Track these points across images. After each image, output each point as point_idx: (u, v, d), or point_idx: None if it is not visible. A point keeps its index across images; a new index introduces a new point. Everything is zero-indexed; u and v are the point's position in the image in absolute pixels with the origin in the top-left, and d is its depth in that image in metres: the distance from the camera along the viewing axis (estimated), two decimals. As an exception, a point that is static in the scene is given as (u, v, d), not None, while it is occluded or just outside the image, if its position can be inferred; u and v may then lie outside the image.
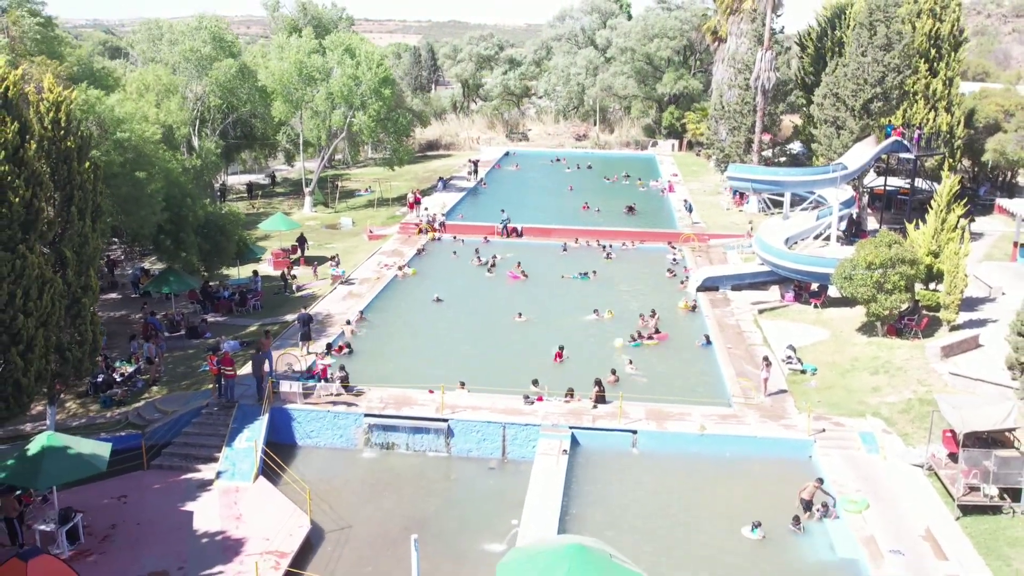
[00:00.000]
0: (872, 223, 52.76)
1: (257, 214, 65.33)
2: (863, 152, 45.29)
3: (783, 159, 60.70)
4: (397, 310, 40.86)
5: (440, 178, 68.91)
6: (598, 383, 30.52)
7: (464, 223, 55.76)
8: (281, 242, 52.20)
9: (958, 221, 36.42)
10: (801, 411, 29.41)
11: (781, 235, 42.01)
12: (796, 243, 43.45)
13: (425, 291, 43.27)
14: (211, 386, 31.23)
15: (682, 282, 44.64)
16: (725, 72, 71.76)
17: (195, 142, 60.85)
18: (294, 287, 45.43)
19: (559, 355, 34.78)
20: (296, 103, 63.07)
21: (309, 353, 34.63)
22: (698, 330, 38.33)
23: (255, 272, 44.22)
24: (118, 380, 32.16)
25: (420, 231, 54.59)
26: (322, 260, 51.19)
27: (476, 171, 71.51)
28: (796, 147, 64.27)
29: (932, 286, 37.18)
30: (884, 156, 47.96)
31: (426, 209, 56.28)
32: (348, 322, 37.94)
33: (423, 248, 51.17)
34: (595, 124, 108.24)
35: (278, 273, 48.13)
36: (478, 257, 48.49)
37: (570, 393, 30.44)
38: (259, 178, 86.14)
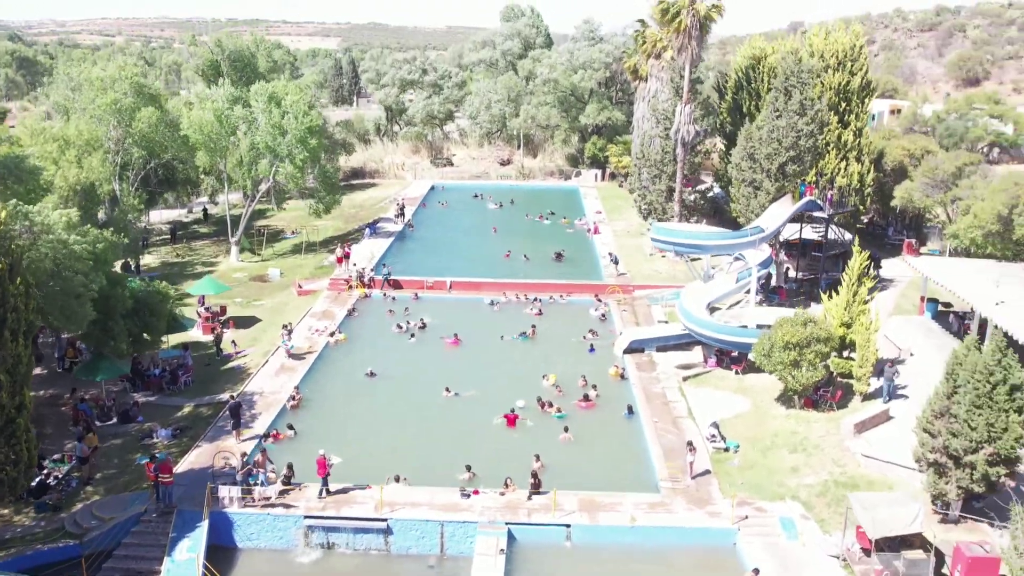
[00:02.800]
0: (790, 271, 55.01)
1: (182, 263, 64.66)
2: (779, 213, 47.33)
3: (703, 203, 62.65)
4: (331, 387, 41.15)
5: (368, 224, 69.09)
6: (534, 475, 31.52)
7: (393, 278, 56.03)
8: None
9: (868, 293, 38.47)
10: (725, 496, 30.94)
11: (703, 300, 43.67)
12: (720, 303, 45.21)
13: (358, 362, 43.69)
14: (147, 487, 31.26)
15: (612, 342, 46.11)
16: (645, 111, 73.80)
17: (118, 192, 60.08)
18: (223, 352, 45.42)
19: (511, 421, 36.20)
20: (220, 152, 62.52)
21: (245, 440, 34.94)
22: (626, 397, 39.75)
23: (185, 346, 43.96)
24: (52, 484, 31.89)
25: (349, 287, 54.84)
26: (252, 320, 51.22)
27: (403, 213, 71.85)
28: (716, 189, 66.40)
29: (846, 353, 39.20)
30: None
31: (354, 265, 56.47)
32: (292, 397, 38.46)
33: (354, 309, 51.46)
34: (519, 147, 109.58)
35: (207, 339, 48.07)
36: (398, 325, 48.83)
37: (506, 483, 31.42)
38: (182, 214, 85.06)
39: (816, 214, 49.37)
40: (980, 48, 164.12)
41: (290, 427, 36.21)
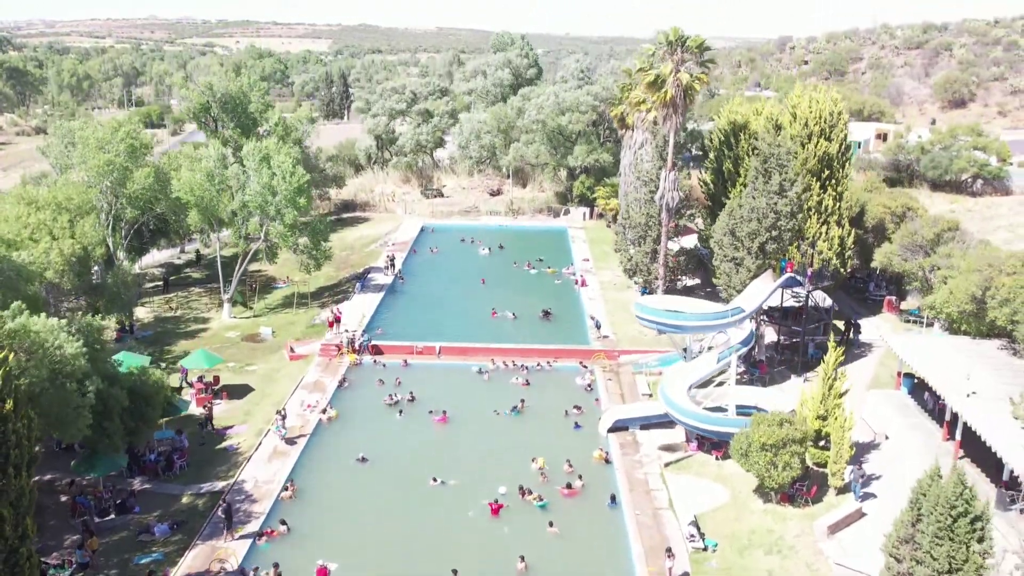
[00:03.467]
0: (771, 334, 56.25)
1: (175, 320, 65.57)
2: (759, 291, 48.61)
3: (688, 263, 63.86)
4: (324, 475, 42.19)
5: (358, 277, 70.09)
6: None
7: (384, 342, 57.14)
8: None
9: (843, 389, 39.73)
10: (703, 605, 32.24)
11: (683, 384, 44.90)
12: (703, 383, 46.47)
13: (349, 444, 44.70)
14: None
15: (598, 418, 47.39)
16: (631, 160, 75.01)
17: (110, 246, 61.16)
18: (215, 428, 46.53)
19: (495, 510, 37.71)
20: (212, 210, 63.45)
21: (238, 539, 36.07)
22: (609, 484, 40.99)
23: (179, 431, 44.95)
24: (52, 595, 32.96)
25: (341, 353, 55.89)
26: (245, 390, 52.28)
27: (393, 264, 72.88)
28: (699, 246, 67.56)
29: (823, 442, 40.48)
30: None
31: (345, 331, 57.51)
32: (286, 487, 39.61)
33: (344, 379, 52.49)
34: (509, 177, 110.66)
35: (200, 411, 49.13)
36: (389, 396, 49.93)
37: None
38: (175, 255, 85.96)
39: (796, 289, 50.55)
40: (966, 69, 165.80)
41: (283, 523, 37.28)
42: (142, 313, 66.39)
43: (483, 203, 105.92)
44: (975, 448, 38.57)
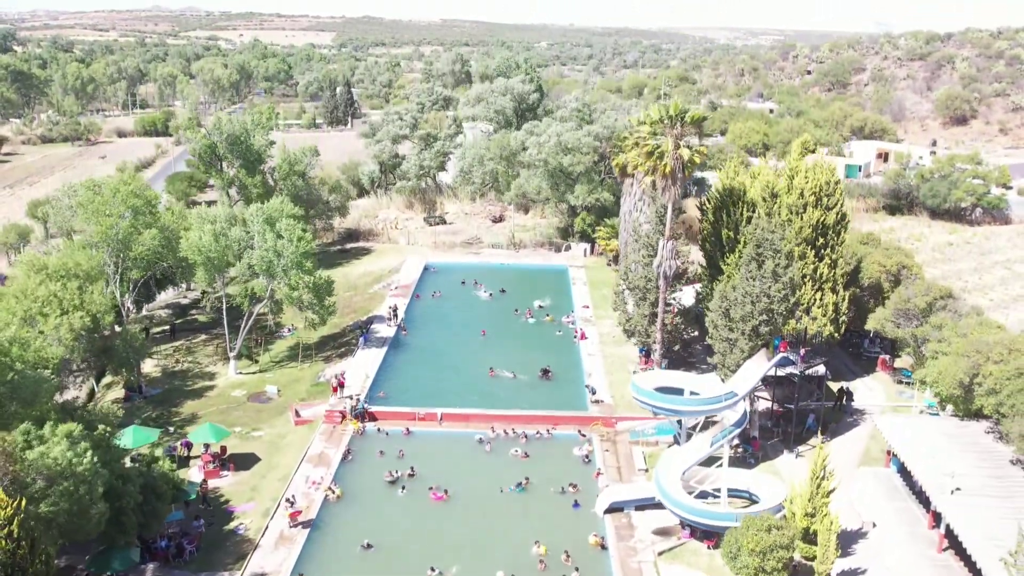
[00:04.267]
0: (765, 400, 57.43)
1: (183, 376, 66.88)
2: (752, 373, 49.80)
3: (684, 325, 64.99)
4: (330, 565, 43.48)
5: (360, 330, 71.33)
6: None
7: (386, 408, 58.48)
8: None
9: (830, 488, 41.01)
10: None
11: (677, 470, 46.22)
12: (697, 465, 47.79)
13: (354, 527, 46.09)
14: None
15: (596, 494, 48.91)
16: (631, 207, 76.14)
17: (118, 300, 62.69)
18: (208, 507, 48.02)
19: None
20: (218, 268, 64.76)
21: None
22: (605, 575, 42.41)
23: (197, 516, 46.21)
24: None
25: (344, 419, 57.21)
26: (251, 460, 53.65)
27: (396, 315, 74.15)
28: (693, 297, 68.66)
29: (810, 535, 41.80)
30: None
31: (349, 397, 58.83)
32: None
33: (348, 452, 53.81)
34: (510, 204, 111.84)
35: (209, 484, 50.65)
36: (390, 472, 51.21)
37: None
38: (180, 292, 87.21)
39: (789, 369, 51.74)
40: (968, 85, 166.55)
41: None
42: (150, 366, 67.72)
43: (485, 231, 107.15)
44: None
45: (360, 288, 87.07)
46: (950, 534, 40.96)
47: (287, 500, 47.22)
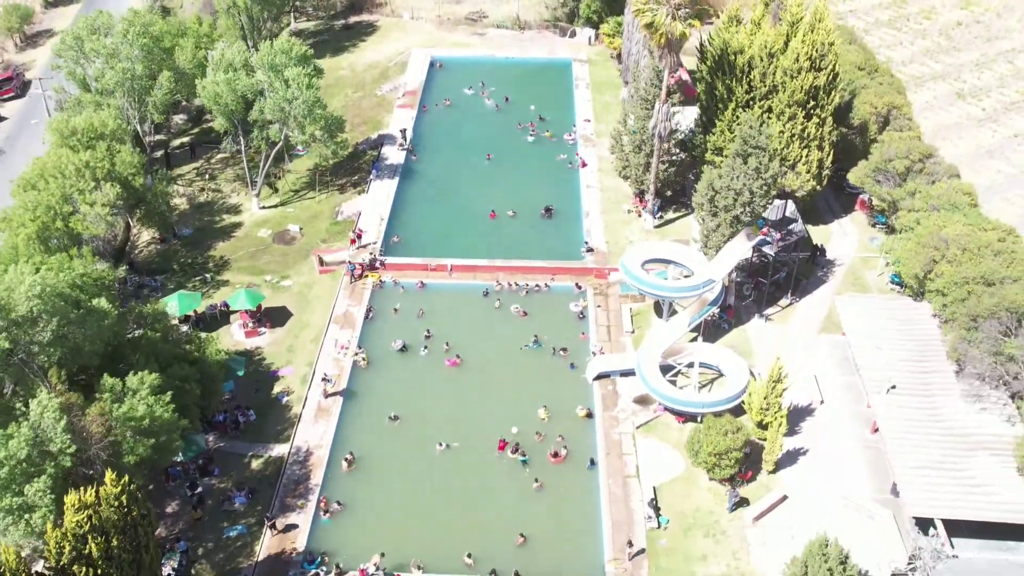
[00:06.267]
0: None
1: (209, 208, 71.86)
2: (732, 255, 55.27)
3: (678, 178, 68.62)
4: (363, 438, 52.11)
5: (374, 163, 74.86)
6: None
7: (401, 260, 64.47)
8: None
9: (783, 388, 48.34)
10: (651, 586, 43.94)
11: (656, 351, 53.39)
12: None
13: (380, 396, 54.42)
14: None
15: (583, 333, 57.97)
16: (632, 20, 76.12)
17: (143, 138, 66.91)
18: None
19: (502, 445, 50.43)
20: (235, 115, 67.48)
21: (300, 511, 47.17)
22: (589, 446, 51.35)
23: (238, 407, 53.93)
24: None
25: (363, 272, 63.38)
26: (283, 315, 60.74)
27: (405, 137, 77.20)
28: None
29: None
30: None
31: (365, 246, 64.46)
32: (346, 460, 50.05)
33: (370, 310, 60.61)
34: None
35: (250, 342, 58.51)
36: (399, 349, 57.93)
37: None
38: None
39: (765, 248, 56.81)
40: None
41: (339, 503, 48.01)
42: (176, 195, 72.34)
43: (491, 1, 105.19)
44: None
45: (367, 87, 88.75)
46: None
47: (322, 379, 54.88)
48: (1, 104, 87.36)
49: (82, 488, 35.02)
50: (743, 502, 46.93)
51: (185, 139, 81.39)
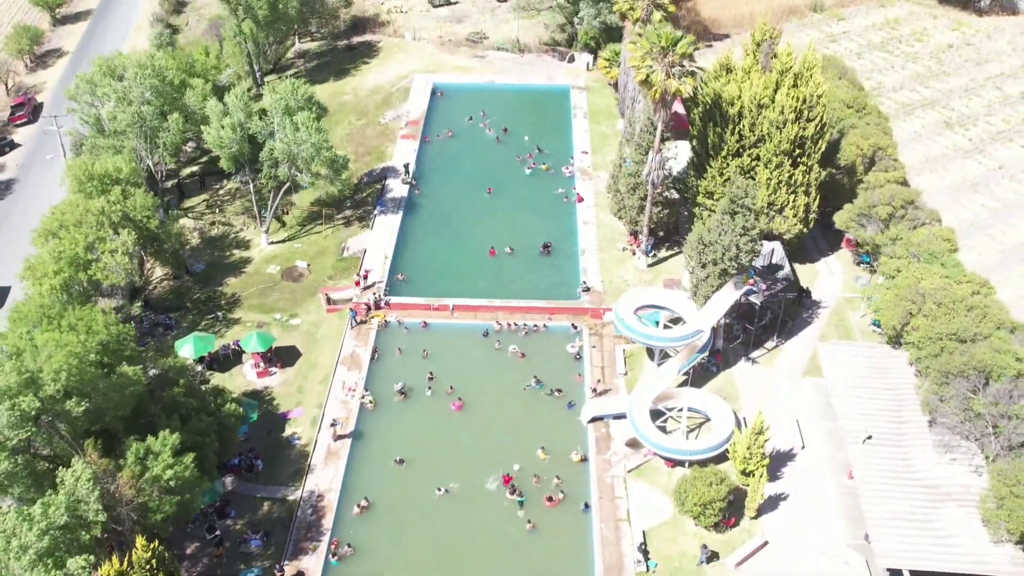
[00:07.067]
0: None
1: (220, 243, 74.70)
2: (720, 305, 58.16)
3: (671, 219, 71.34)
4: (370, 481, 55.27)
5: (378, 198, 77.54)
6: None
7: (404, 300, 67.36)
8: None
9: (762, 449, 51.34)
10: (639, 630, 47.21)
11: (647, 399, 56.40)
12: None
13: (387, 439, 57.48)
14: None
15: (579, 374, 61.27)
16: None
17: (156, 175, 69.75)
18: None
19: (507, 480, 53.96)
20: (241, 159, 70.28)
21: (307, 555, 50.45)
22: (583, 489, 54.51)
23: (251, 451, 57.03)
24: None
25: (368, 310, 66.32)
26: (292, 355, 63.71)
27: (408, 171, 79.83)
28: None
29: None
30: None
31: (368, 286, 67.36)
32: (358, 506, 53.17)
33: (376, 351, 63.58)
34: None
35: (261, 383, 61.57)
36: (400, 392, 60.73)
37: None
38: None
39: (752, 298, 59.68)
40: None
41: (348, 545, 51.24)
42: (187, 228, 75.15)
43: (491, 21, 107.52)
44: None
45: (370, 114, 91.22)
46: (859, 468, 52.10)
47: (331, 425, 57.91)
48: (14, 130, 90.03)
49: (114, 559, 38.12)
50: (714, 556, 49.94)
51: (195, 168, 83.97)
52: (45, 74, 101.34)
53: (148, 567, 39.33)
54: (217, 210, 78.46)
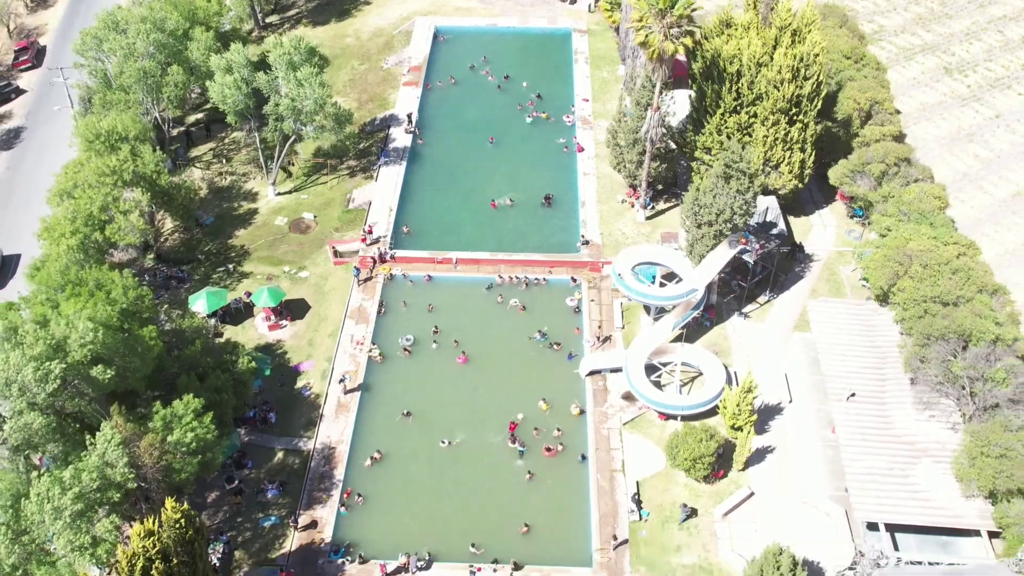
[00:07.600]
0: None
1: (228, 193, 76.29)
2: (713, 264, 60.27)
3: (669, 175, 72.64)
4: (379, 435, 58.14)
5: (382, 149, 78.70)
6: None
7: (409, 253, 69.35)
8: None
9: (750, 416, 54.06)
10: (632, 569, 50.66)
11: (642, 355, 58.96)
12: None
13: (394, 392, 60.27)
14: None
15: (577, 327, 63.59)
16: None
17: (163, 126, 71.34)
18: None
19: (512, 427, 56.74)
20: (245, 114, 71.40)
21: (322, 506, 53.77)
22: (581, 440, 57.55)
23: (266, 404, 59.78)
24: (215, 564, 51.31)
25: (375, 263, 68.40)
26: (301, 307, 66.09)
27: (411, 120, 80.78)
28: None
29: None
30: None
31: (376, 241, 69.24)
32: (371, 458, 56.33)
33: (382, 305, 65.86)
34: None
35: (273, 336, 64.14)
36: (405, 348, 63.14)
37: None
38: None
39: (745, 256, 61.66)
40: None
41: (359, 495, 54.50)
42: (196, 177, 76.66)
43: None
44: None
45: (373, 58, 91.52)
46: (842, 422, 55.01)
47: (340, 381, 60.55)
48: (19, 75, 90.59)
49: (148, 520, 41.16)
50: (693, 513, 53.09)
51: (200, 115, 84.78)
52: (46, 15, 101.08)
53: (177, 526, 42.38)
54: (224, 160, 79.71)
